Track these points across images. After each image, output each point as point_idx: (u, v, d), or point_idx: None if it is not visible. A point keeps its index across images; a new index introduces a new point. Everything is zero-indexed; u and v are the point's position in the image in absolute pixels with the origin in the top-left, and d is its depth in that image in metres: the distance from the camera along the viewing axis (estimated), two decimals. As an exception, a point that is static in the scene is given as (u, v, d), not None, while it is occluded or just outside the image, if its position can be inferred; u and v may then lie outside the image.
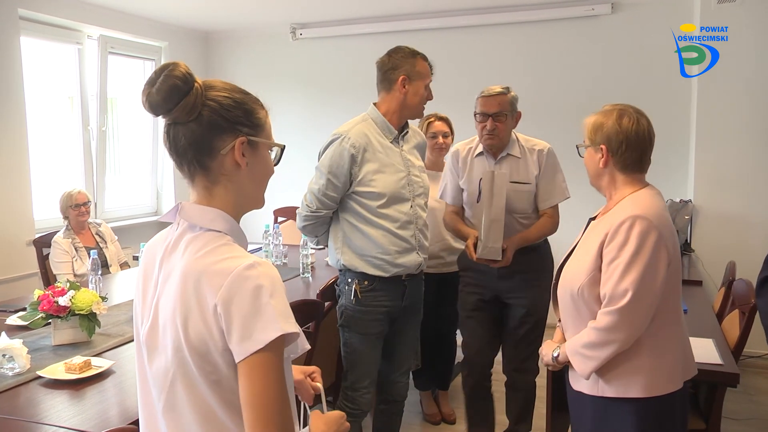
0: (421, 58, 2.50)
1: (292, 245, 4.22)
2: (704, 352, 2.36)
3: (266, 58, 5.99)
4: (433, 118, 3.49)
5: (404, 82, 2.45)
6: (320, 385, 1.43)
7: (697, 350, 1.96)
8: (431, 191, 2.73)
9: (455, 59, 5.34)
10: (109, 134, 5.29)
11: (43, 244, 3.99)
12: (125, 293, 3.31)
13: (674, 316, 1.82)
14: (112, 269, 3.99)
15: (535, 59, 5.14)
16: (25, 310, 2.64)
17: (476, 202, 2.76)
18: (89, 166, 5.09)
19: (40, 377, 2.13)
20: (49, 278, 3.89)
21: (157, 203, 5.93)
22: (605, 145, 1.83)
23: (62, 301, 2.43)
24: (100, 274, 3.19)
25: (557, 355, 1.93)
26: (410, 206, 2.48)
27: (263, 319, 1.01)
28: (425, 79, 2.49)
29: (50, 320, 2.47)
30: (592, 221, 1.95)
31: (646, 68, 4.77)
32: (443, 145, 3.45)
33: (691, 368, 1.87)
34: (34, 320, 2.48)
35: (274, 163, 1.20)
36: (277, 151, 1.20)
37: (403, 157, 2.51)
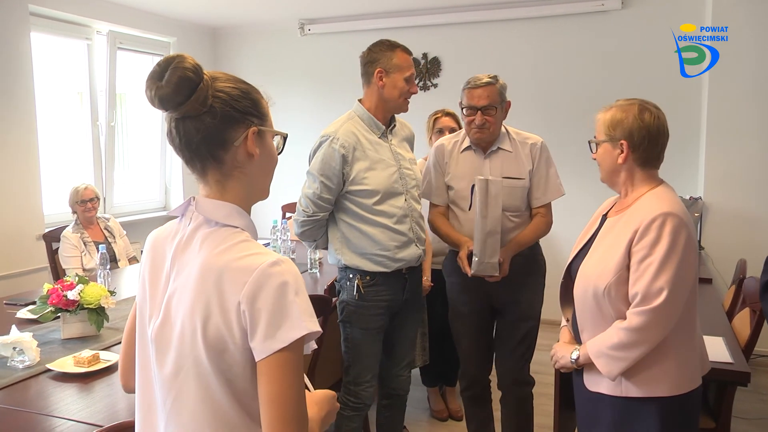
0: (400, 50, 2.44)
1: (299, 240, 4.20)
2: (714, 350, 2.33)
3: (274, 53, 6.00)
4: (440, 113, 3.46)
5: (380, 75, 2.41)
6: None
7: (707, 349, 1.93)
8: None
9: (464, 55, 5.33)
10: (117, 129, 5.31)
11: (52, 238, 4.02)
12: (134, 288, 3.31)
13: (694, 313, 1.81)
14: (120, 264, 4.01)
15: (544, 55, 5.12)
16: (34, 303, 2.66)
17: (468, 209, 2.58)
18: (98, 161, 5.11)
19: (49, 370, 2.15)
20: (58, 272, 3.91)
21: (165, 198, 5.95)
22: (626, 140, 1.79)
23: (71, 295, 2.44)
24: (108, 268, 3.21)
25: (577, 357, 1.85)
26: (404, 200, 2.48)
27: (289, 317, 1.00)
28: (404, 71, 2.42)
29: (59, 314, 2.49)
30: (605, 218, 1.92)
31: (656, 64, 4.73)
32: (450, 141, 3.42)
33: (706, 364, 1.86)
34: (43, 314, 2.49)
35: (278, 152, 1.20)
36: (279, 140, 1.19)
37: (392, 151, 2.50)
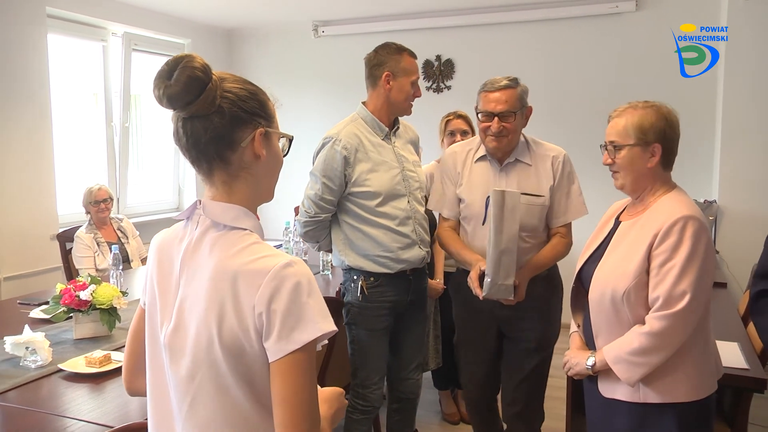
0: (407, 54, 2.45)
1: (312, 242, 4.21)
2: (729, 356, 2.29)
3: (288, 55, 6.01)
4: (452, 116, 3.44)
5: (388, 78, 2.42)
6: None
7: (722, 354, 1.91)
8: None
9: (477, 57, 5.30)
10: (131, 130, 5.34)
11: (66, 238, 4.05)
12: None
13: (709, 317, 1.79)
14: (133, 264, 4.03)
15: (557, 57, 5.08)
16: (47, 303, 2.68)
17: (482, 224, 2.36)
18: (112, 161, 5.15)
19: (61, 370, 2.16)
20: (71, 272, 3.94)
21: (178, 199, 5.97)
22: (661, 143, 1.76)
23: (83, 295, 2.46)
24: (121, 268, 3.22)
25: (593, 363, 1.81)
26: (407, 202, 2.48)
27: (303, 319, 1.00)
28: (411, 75, 2.44)
29: (72, 314, 2.50)
30: (618, 222, 1.90)
31: (670, 66, 4.68)
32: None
33: (720, 369, 1.84)
34: (56, 314, 2.51)
35: (283, 154, 1.19)
36: (284, 142, 1.19)
37: (396, 153, 2.50)
